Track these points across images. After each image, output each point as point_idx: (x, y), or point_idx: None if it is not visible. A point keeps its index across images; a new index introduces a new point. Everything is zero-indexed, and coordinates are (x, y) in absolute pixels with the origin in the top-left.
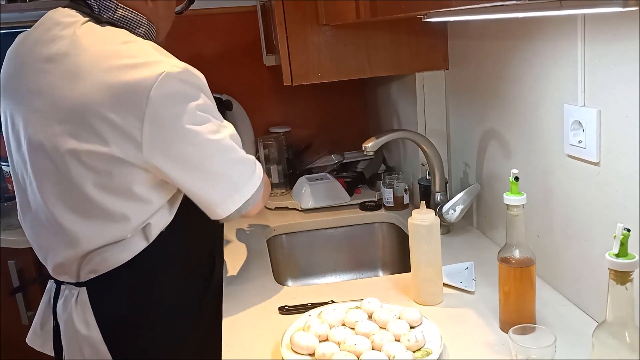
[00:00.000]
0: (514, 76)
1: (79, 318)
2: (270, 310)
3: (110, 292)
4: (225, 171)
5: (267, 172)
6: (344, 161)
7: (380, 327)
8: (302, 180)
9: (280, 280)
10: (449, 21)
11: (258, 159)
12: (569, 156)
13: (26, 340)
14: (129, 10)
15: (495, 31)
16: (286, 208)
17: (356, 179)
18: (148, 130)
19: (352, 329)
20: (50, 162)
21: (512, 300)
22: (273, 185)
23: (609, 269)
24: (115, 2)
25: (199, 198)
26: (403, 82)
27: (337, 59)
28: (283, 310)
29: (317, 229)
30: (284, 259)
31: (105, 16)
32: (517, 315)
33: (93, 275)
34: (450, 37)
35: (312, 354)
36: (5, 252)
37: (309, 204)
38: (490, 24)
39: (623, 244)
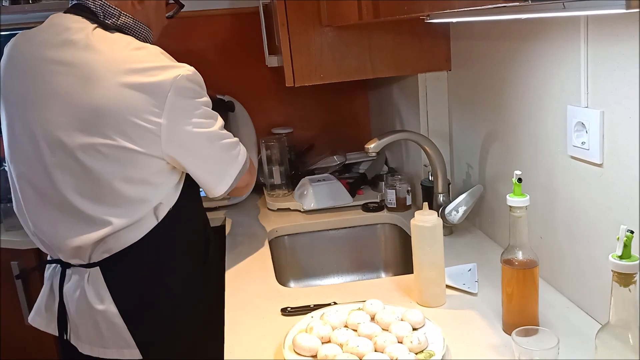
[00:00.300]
0: (517, 77)
1: (93, 295)
2: (272, 312)
3: (123, 269)
4: (221, 155)
5: (269, 173)
6: (347, 162)
7: (383, 329)
8: (304, 181)
9: (283, 281)
10: (452, 22)
11: (260, 160)
12: (572, 157)
13: (29, 321)
14: (129, 16)
15: (498, 32)
16: (288, 209)
17: (358, 180)
18: (166, 125)
19: (355, 330)
20: (71, 158)
21: (515, 302)
22: (275, 187)
23: (612, 270)
24: (118, 9)
25: (203, 179)
26: (405, 83)
27: (340, 60)
28: (285, 311)
29: (320, 230)
30: (286, 260)
31: (110, 22)
32: (520, 317)
33: (106, 255)
34: (453, 38)
35: (314, 356)
36: (7, 253)
37: (311, 205)
38: (492, 25)
39: (626, 246)
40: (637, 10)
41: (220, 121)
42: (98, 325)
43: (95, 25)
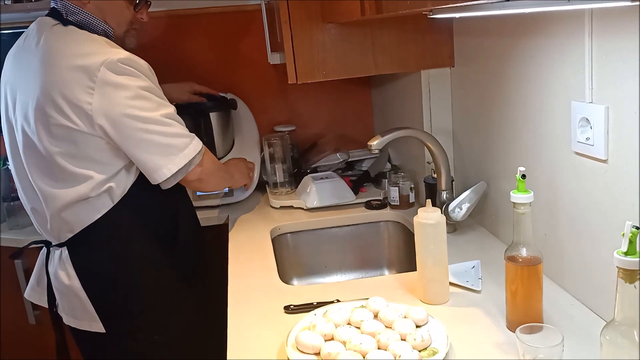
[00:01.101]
0: (521, 73)
1: (64, 272)
2: (275, 310)
3: (85, 247)
4: (158, 142)
5: (272, 171)
6: (349, 160)
7: (386, 327)
8: (307, 179)
9: (286, 279)
10: (455, 18)
11: (263, 158)
12: (577, 153)
13: (25, 295)
14: (87, 13)
15: (501, 28)
16: (291, 207)
17: (361, 178)
18: (97, 104)
19: (358, 328)
20: (29, 137)
21: (519, 300)
22: (278, 184)
23: (617, 267)
24: (78, 8)
25: (139, 164)
26: (408, 80)
27: (343, 57)
28: (288, 309)
29: (323, 228)
30: (289, 258)
31: (71, 19)
32: (525, 315)
33: (70, 235)
34: (456, 35)
35: (317, 353)
36: (9, 251)
37: (314, 203)
38: (496, 20)
39: (632, 242)
40: None
41: (165, 110)
42: (70, 300)
43: (57, 22)
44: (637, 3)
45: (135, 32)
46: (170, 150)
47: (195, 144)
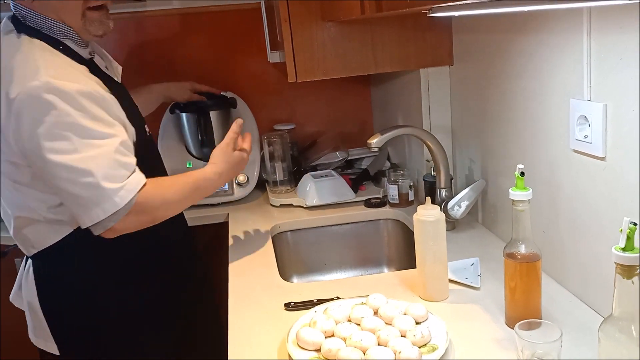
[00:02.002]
0: (519, 71)
1: (26, 285)
2: (276, 307)
3: (47, 266)
4: (66, 192)
5: (272, 169)
6: (349, 158)
7: (386, 323)
8: (306, 177)
9: (286, 277)
10: (454, 16)
11: (263, 156)
12: (575, 151)
13: (10, 299)
14: (41, 16)
15: (500, 26)
16: (291, 205)
17: (361, 176)
18: (13, 138)
19: (358, 325)
20: None
21: (518, 296)
22: (278, 183)
23: (615, 263)
24: (33, 11)
25: (64, 201)
26: (408, 79)
27: (342, 55)
28: (289, 306)
29: (322, 226)
30: (289, 255)
31: (29, 24)
32: (523, 311)
33: (34, 251)
34: (455, 33)
35: (318, 350)
36: (12, 251)
37: (314, 201)
38: (495, 18)
39: (629, 238)
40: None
41: (88, 151)
42: (30, 315)
43: (12, 29)
44: (635, 1)
45: (99, 14)
46: (81, 202)
47: (126, 191)
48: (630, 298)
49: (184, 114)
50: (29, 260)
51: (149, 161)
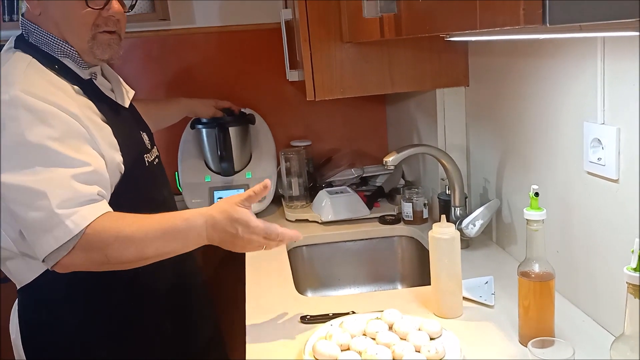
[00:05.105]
0: (534, 93)
1: (13, 319)
2: (292, 320)
3: (28, 304)
4: (25, 215)
5: (288, 184)
6: (364, 175)
7: (401, 338)
8: (322, 193)
9: (300, 291)
10: (470, 40)
11: (279, 172)
12: (589, 173)
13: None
14: (44, 32)
15: (516, 49)
16: (307, 220)
17: (376, 193)
18: None
19: (373, 339)
20: None
21: (531, 314)
22: (294, 198)
23: (626, 282)
24: (36, 26)
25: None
26: (423, 98)
27: (360, 75)
28: (305, 319)
29: (337, 242)
30: (304, 270)
31: (32, 41)
32: (537, 329)
33: (19, 285)
34: (471, 55)
35: None
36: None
37: (329, 216)
38: (510, 42)
39: None
40: None
41: (42, 174)
42: (15, 350)
43: (10, 46)
44: None
45: (109, 37)
46: (37, 229)
47: (68, 228)
48: None
49: (204, 129)
50: (18, 295)
51: (143, 191)
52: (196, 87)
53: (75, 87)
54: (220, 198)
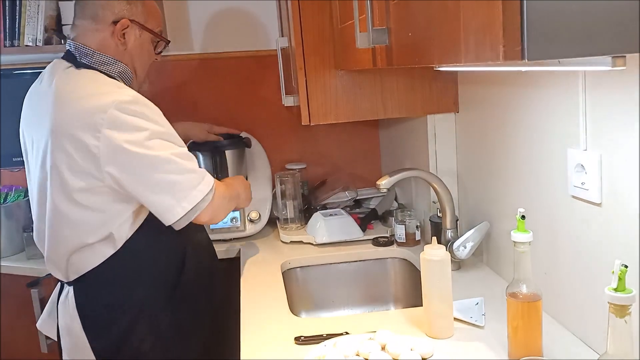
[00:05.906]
0: (520, 120)
1: (66, 310)
2: (286, 340)
3: (88, 290)
4: (168, 181)
5: (283, 207)
6: (358, 198)
7: (394, 359)
8: (316, 215)
9: (295, 312)
10: (459, 70)
11: (274, 194)
12: (573, 197)
13: (37, 325)
14: (105, 55)
15: (503, 78)
16: (301, 242)
17: (369, 215)
18: (104, 147)
19: (366, 359)
20: (43, 183)
21: (520, 334)
22: (288, 220)
23: (608, 302)
24: (92, 49)
25: (150, 205)
26: (415, 123)
27: (353, 101)
28: (299, 340)
29: (331, 263)
30: (298, 291)
31: (84, 61)
32: (525, 349)
33: (76, 276)
34: (461, 83)
35: None
36: (28, 281)
37: (323, 238)
38: (497, 72)
39: (621, 279)
40: (622, 68)
41: (175, 149)
42: (71, 338)
43: (70, 65)
44: (617, 68)
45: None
46: (181, 188)
47: (206, 182)
48: (624, 336)
49: (199, 153)
50: (68, 287)
51: None
52: (195, 111)
53: None
54: None
